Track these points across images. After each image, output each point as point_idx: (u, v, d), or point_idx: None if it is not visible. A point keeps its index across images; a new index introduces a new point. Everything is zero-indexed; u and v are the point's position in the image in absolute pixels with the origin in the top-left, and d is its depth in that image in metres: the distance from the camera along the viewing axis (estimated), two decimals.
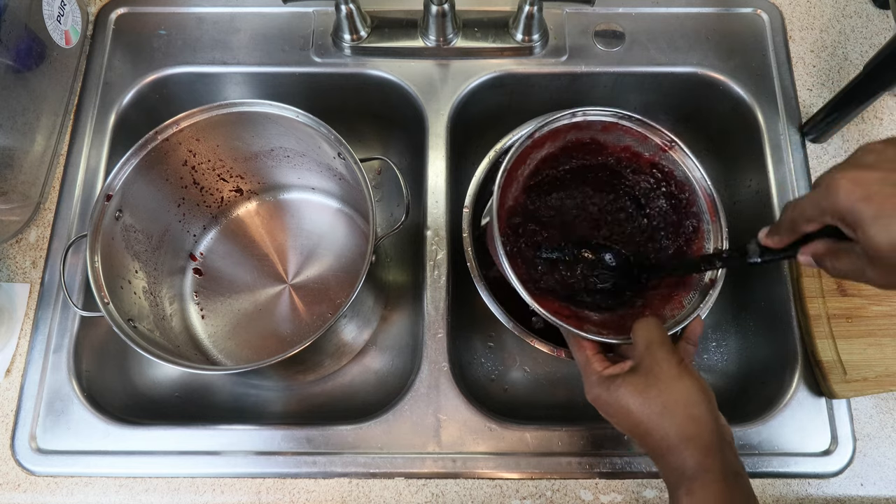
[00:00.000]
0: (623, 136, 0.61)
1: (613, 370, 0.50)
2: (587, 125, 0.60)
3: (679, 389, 0.47)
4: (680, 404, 0.46)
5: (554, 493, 0.60)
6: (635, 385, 0.48)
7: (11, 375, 0.63)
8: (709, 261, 0.56)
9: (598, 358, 0.52)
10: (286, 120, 0.62)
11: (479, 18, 0.75)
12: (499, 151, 0.68)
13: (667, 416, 0.46)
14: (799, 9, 0.78)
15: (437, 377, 0.63)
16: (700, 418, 0.46)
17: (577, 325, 0.53)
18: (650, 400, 0.47)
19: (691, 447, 0.45)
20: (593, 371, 0.51)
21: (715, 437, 0.46)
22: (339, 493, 0.60)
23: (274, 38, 0.75)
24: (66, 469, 0.60)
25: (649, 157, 0.62)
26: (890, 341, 0.61)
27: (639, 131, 0.60)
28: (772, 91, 0.73)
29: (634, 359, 0.50)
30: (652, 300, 0.60)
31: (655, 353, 0.48)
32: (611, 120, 0.60)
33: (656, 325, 0.51)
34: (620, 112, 0.59)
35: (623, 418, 0.48)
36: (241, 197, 0.79)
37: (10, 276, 0.66)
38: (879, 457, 0.61)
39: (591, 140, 0.62)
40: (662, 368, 0.48)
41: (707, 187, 0.59)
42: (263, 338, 0.75)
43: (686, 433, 0.46)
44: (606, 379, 0.50)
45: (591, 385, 0.51)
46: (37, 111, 0.67)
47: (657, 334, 0.50)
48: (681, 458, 0.45)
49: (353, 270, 0.77)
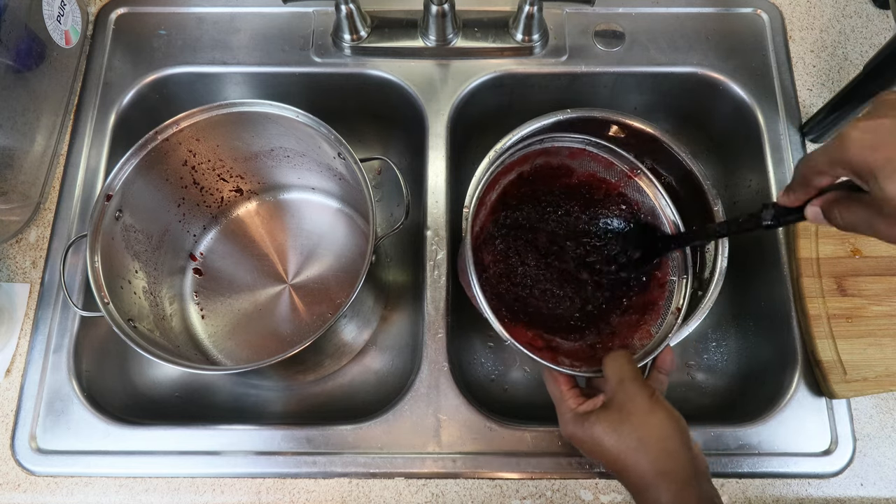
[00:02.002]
0: (590, 162, 0.62)
1: (587, 406, 0.51)
2: (556, 151, 0.61)
3: (652, 424, 0.47)
4: (654, 439, 0.47)
5: (554, 493, 0.60)
6: (609, 422, 0.48)
7: (11, 375, 0.63)
8: (723, 227, 0.55)
9: (572, 394, 0.53)
10: (286, 120, 0.62)
11: (479, 18, 0.75)
12: (499, 151, 0.68)
13: (642, 452, 0.47)
14: (799, 9, 0.78)
15: (437, 377, 0.63)
16: (674, 452, 0.47)
17: (550, 357, 0.54)
18: (624, 436, 0.47)
19: (667, 481, 0.46)
20: (567, 408, 0.52)
21: (690, 470, 0.46)
22: (339, 493, 0.60)
23: (274, 38, 0.75)
24: (66, 469, 0.60)
25: (615, 184, 0.63)
26: (890, 341, 0.61)
27: (605, 158, 0.61)
28: (772, 91, 0.73)
29: (607, 394, 0.50)
30: (621, 329, 0.60)
31: (627, 388, 0.49)
32: (578, 146, 0.60)
33: (627, 360, 0.51)
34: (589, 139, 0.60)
35: (599, 455, 0.49)
36: (241, 197, 0.79)
37: (10, 276, 0.66)
38: (879, 457, 0.61)
39: (559, 165, 0.63)
40: (635, 403, 0.48)
41: (671, 215, 0.60)
42: (263, 338, 0.75)
43: (662, 468, 0.46)
44: (580, 416, 0.50)
45: (565, 422, 0.52)
46: (37, 111, 0.67)
47: (628, 369, 0.50)
48: (657, 492, 0.46)
49: (353, 270, 0.77)
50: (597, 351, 0.59)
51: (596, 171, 0.63)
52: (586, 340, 0.61)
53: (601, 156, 0.61)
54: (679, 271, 0.59)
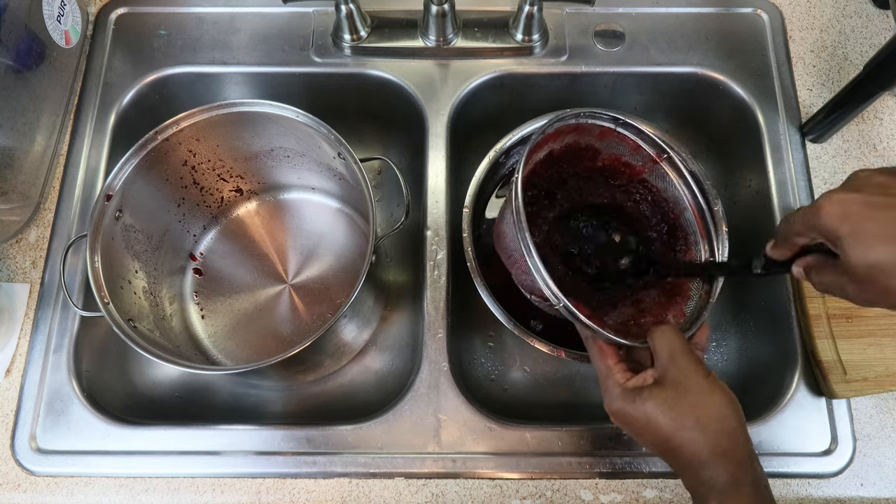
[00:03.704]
0: (618, 144, 0.62)
1: (636, 381, 0.49)
2: (588, 128, 0.60)
3: (710, 403, 0.46)
4: (713, 419, 0.46)
5: (554, 493, 0.60)
6: (664, 399, 0.46)
7: (11, 375, 0.63)
8: (717, 268, 0.57)
9: (620, 367, 0.50)
10: (286, 120, 0.62)
11: (479, 18, 0.75)
12: (499, 151, 0.68)
13: (699, 431, 0.45)
14: (799, 9, 0.78)
15: (437, 377, 0.63)
16: (733, 432, 0.46)
17: (599, 324, 0.51)
18: (681, 414, 0.46)
19: (725, 461, 0.45)
20: (615, 383, 0.49)
21: (746, 451, 0.46)
22: (339, 493, 0.60)
23: (274, 38, 0.75)
24: (66, 469, 0.60)
25: (639, 168, 0.63)
26: (890, 341, 0.61)
27: (633, 140, 0.61)
28: (772, 91, 0.73)
29: (657, 369, 0.48)
30: (653, 307, 0.59)
31: (680, 364, 0.47)
32: (609, 125, 0.60)
33: (676, 333, 0.49)
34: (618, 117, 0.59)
35: (650, 433, 0.47)
36: (241, 197, 0.79)
37: (10, 276, 0.66)
38: (879, 457, 0.61)
39: (587, 146, 0.62)
40: (691, 381, 0.47)
41: (696, 202, 0.60)
42: (263, 338, 0.75)
43: (720, 448, 0.45)
44: (631, 392, 0.48)
45: (612, 398, 0.49)
46: (37, 111, 0.67)
47: (679, 343, 0.48)
48: (714, 472, 0.45)
49: (353, 270, 0.77)
50: (630, 328, 0.57)
51: (621, 154, 0.62)
52: (617, 319, 0.59)
53: (629, 137, 0.60)
54: (705, 254, 0.60)
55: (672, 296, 0.59)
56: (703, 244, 0.60)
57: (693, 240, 0.61)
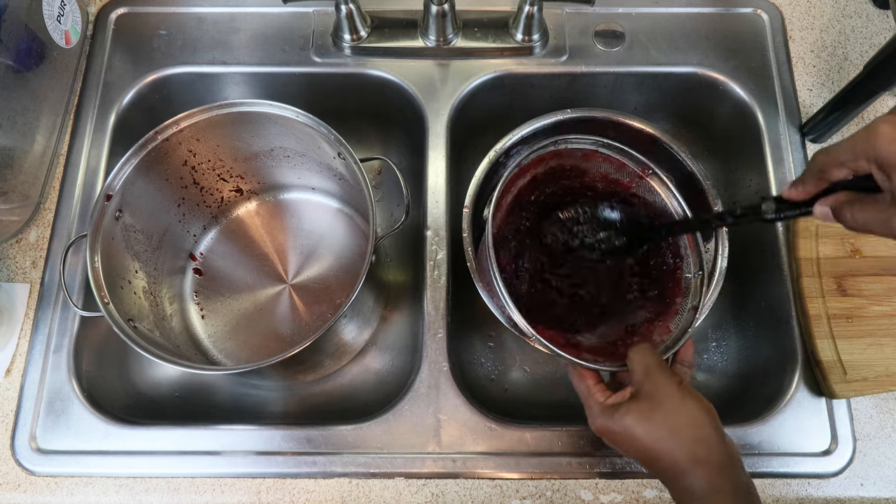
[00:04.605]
0: (603, 164, 0.62)
1: (615, 399, 0.51)
2: (569, 153, 0.61)
3: (683, 412, 0.47)
4: (686, 427, 0.47)
5: (554, 493, 0.60)
6: (640, 411, 0.48)
7: (11, 375, 0.63)
8: (720, 218, 0.55)
9: (598, 388, 0.53)
10: (286, 120, 0.62)
11: (479, 18, 0.75)
12: (499, 152, 0.68)
13: (674, 440, 0.46)
14: (799, 9, 0.78)
15: (437, 377, 0.63)
16: (707, 438, 0.46)
17: (574, 354, 0.54)
18: (656, 425, 0.47)
19: (701, 468, 0.45)
20: (596, 402, 0.52)
21: (724, 457, 0.46)
22: (339, 493, 0.60)
23: (274, 38, 0.75)
24: (66, 469, 0.60)
25: (627, 184, 0.63)
26: (890, 341, 0.61)
27: (617, 159, 0.61)
28: (772, 91, 0.73)
29: (633, 385, 0.50)
30: (640, 326, 0.60)
31: (655, 378, 0.49)
32: (591, 148, 0.60)
33: (650, 351, 0.51)
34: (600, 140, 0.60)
35: (630, 445, 0.48)
36: (241, 197, 0.79)
37: (10, 276, 0.66)
38: (879, 457, 0.61)
39: (572, 167, 0.63)
40: (664, 392, 0.48)
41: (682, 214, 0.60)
42: (263, 338, 0.75)
43: (695, 455, 0.46)
44: (610, 408, 0.50)
45: (594, 416, 0.51)
46: (37, 111, 0.67)
47: (653, 359, 0.50)
48: (691, 479, 0.45)
49: (353, 270, 0.77)
50: (618, 348, 0.59)
51: (608, 172, 0.63)
52: (607, 338, 0.61)
53: (613, 157, 0.61)
54: (694, 269, 0.59)
55: (662, 310, 0.60)
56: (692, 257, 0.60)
57: (684, 253, 0.61)
